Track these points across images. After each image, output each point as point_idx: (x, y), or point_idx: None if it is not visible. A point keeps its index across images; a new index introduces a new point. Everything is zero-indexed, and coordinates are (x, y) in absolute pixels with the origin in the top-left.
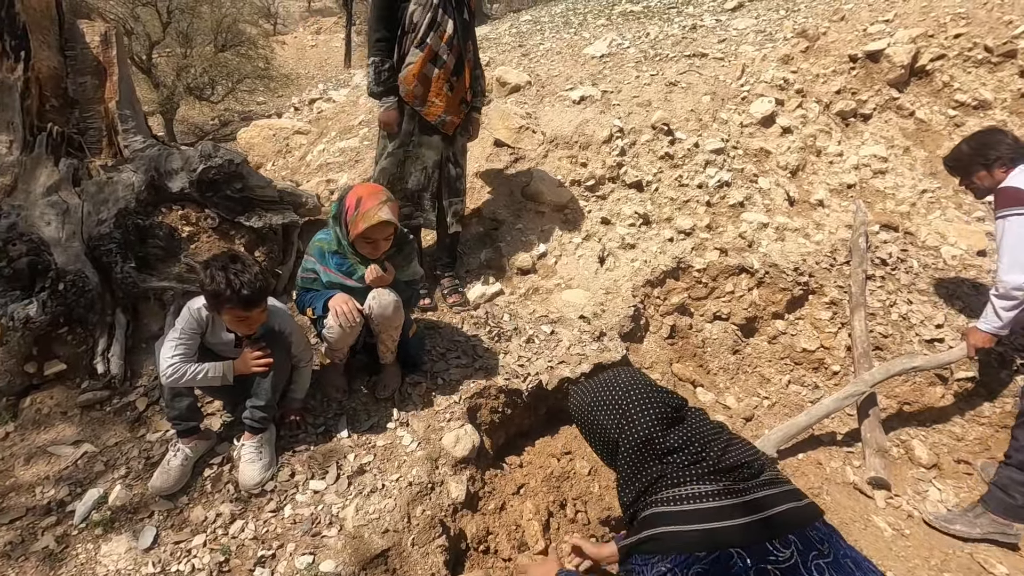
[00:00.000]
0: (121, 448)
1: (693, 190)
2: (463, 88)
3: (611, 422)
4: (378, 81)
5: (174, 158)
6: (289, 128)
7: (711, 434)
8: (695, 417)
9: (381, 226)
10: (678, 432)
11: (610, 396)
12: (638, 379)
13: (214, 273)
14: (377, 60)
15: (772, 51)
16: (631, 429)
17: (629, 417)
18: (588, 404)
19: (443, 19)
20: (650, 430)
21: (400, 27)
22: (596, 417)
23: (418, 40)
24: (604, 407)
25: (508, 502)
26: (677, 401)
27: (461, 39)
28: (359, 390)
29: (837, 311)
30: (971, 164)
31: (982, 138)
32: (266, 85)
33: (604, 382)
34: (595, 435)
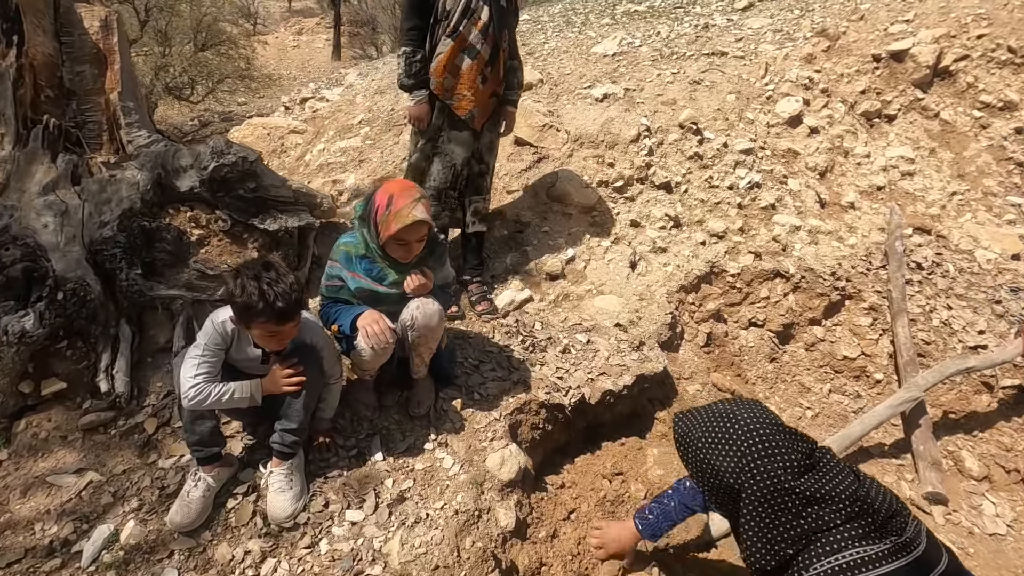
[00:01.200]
0: (131, 477)
1: (724, 191)
2: (497, 81)
3: (729, 465)
4: (408, 73)
5: (183, 155)
6: (284, 127)
7: (852, 481)
8: (828, 461)
9: (415, 226)
10: (814, 479)
11: (728, 434)
12: (760, 415)
13: (245, 283)
14: (408, 50)
15: (793, 50)
16: (756, 477)
17: (753, 462)
18: (700, 440)
19: (478, 5)
20: (781, 478)
21: (433, 15)
22: (710, 457)
23: (450, 29)
24: (720, 446)
25: (559, 528)
26: (808, 445)
27: (497, 27)
28: (390, 407)
29: (877, 317)
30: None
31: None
32: (247, 85)
33: (720, 415)
34: (706, 477)
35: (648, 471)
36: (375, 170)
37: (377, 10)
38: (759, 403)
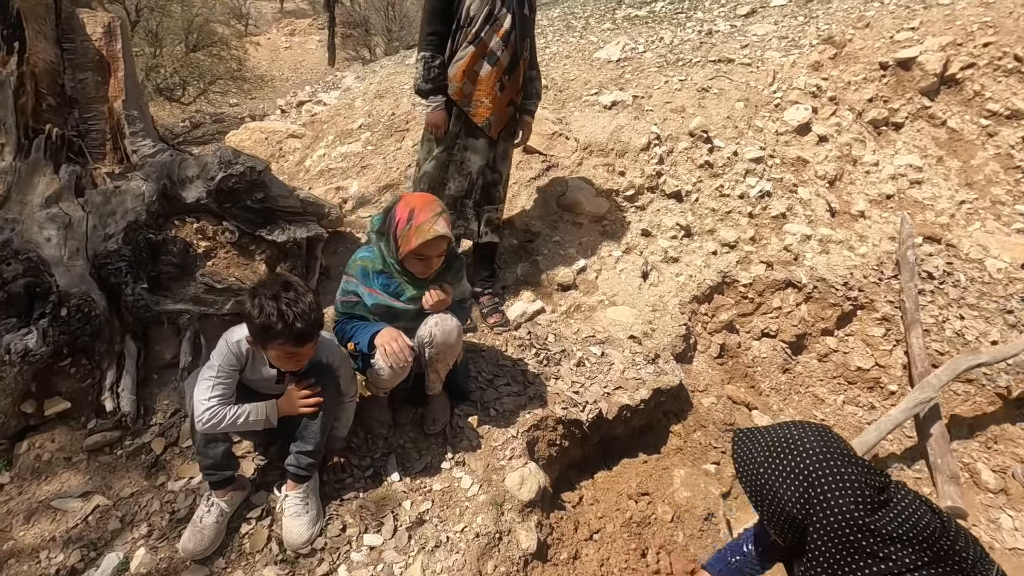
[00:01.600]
0: (139, 500)
1: (734, 200)
2: (515, 89)
3: (793, 495)
4: (427, 78)
5: (189, 165)
6: (282, 131)
7: (931, 520)
8: (904, 495)
9: (437, 241)
10: (889, 516)
11: (794, 461)
12: (830, 442)
13: (264, 303)
14: (427, 55)
15: (800, 57)
16: (827, 509)
17: (822, 493)
18: (762, 465)
19: (501, 12)
20: (854, 513)
21: (455, 21)
22: (773, 485)
23: (472, 35)
24: (785, 474)
25: (581, 549)
26: (882, 479)
27: (519, 35)
28: (405, 424)
29: (890, 328)
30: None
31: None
32: (239, 87)
33: (786, 440)
34: (767, 505)
35: (675, 493)
36: (379, 177)
37: (370, 11)
38: (827, 428)
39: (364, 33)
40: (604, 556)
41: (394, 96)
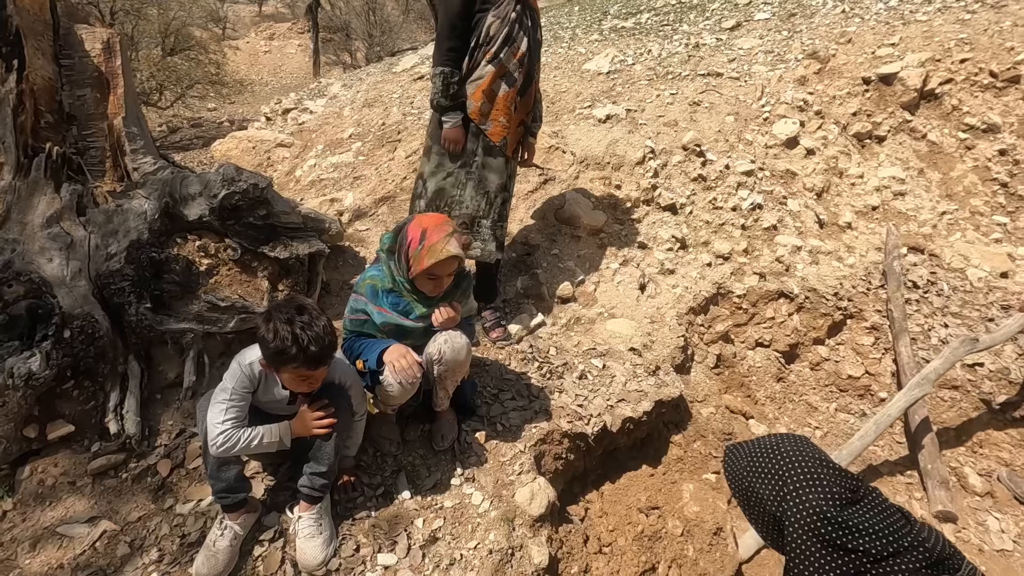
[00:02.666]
0: (147, 524)
1: (727, 213)
2: (525, 110)
3: (770, 493)
4: (446, 94)
5: (191, 182)
6: (271, 141)
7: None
8: (875, 497)
9: (449, 261)
10: (859, 512)
11: (770, 463)
12: (804, 448)
13: (278, 327)
14: (447, 71)
15: (786, 72)
16: (797, 505)
17: (794, 489)
18: (744, 469)
19: (518, 35)
20: (823, 507)
21: (475, 38)
22: (753, 485)
23: (491, 55)
24: (762, 474)
25: (591, 563)
26: (853, 481)
27: (531, 59)
28: (413, 441)
29: (879, 336)
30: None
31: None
32: (218, 91)
33: (766, 446)
34: (750, 505)
35: (684, 507)
36: (374, 189)
37: (351, 16)
38: (805, 438)
39: (345, 38)
40: (614, 569)
41: (383, 105)
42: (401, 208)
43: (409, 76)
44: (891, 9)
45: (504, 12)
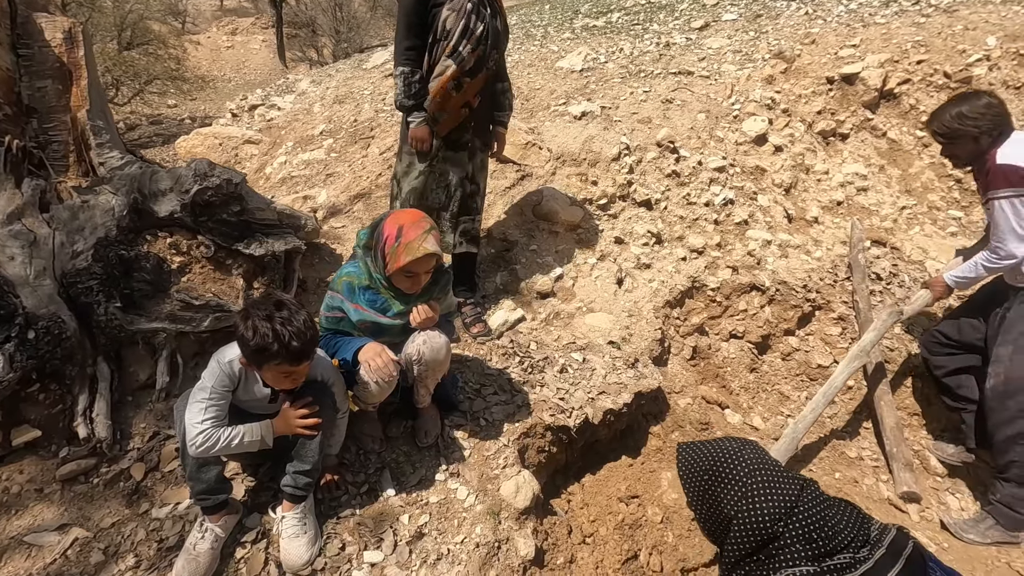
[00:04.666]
0: (121, 530)
1: (701, 208)
2: (472, 93)
3: (729, 498)
4: (408, 94)
5: (161, 177)
6: (238, 137)
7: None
8: (811, 499)
9: (426, 259)
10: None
11: (733, 470)
12: (763, 457)
13: (257, 324)
14: (407, 70)
15: (754, 71)
16: (752, 514)
17: (753, 500)
18: (706, 472)
19: (475, 25)
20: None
21: (432, 34)
22: (713, 489)
23: (450, 49)
24: (725, 481)
25: (576, 553)
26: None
27: (488, 45)
28: (397, 438)
29: (846, 327)
30: (960, 131)
31: (973, 103)
32: (178, 87)
33: (727, 452)
34: (704, 506)
35: (663, 495)
36: (348, 186)
37: (317, 12)
38: (757, 444)
39: (311, 34)
40: (598, 559)
41: (355, 102)
42: (377, 205)
43: (380, 73)
44: (851, 12)
45: (459, 4)
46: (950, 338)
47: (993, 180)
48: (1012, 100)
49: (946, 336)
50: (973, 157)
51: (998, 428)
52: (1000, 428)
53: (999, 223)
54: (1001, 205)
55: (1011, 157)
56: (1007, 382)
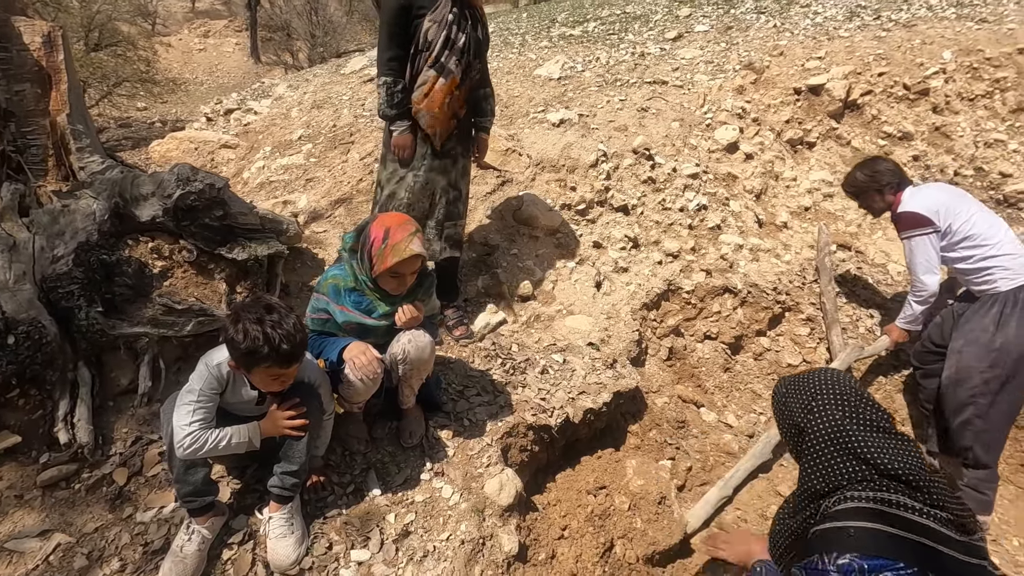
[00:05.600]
0: (105, 535)
1: (676, 213)
2: (459, 104)
3: (798, 405)
4: (391, 103)
5: (143, 182)
6: (214, 141)
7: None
8: (905, 439)
9: (412, 260)
10: (879, 438)
11: (806, 384)
12: (846, 381)
13: (248, 327)
14: (389, 80)
15: (725, 81)
16: (820, 417)
17: (819, 406)
18: (784, 390)
19: (457, 35)
20: (843, 423)
21: (414, 45)
22: (786, 399)
23: (432, 59)
24: (796, 391)
25: (556, 548)
26: (885, 420)
27: (471, 55)
28: (382, 438)
29: (814, 327)
30: (867, 190)
31: (871, 166)
32: (148, 90)
33: (806, 374)
34: (782, 417)
35: (629, 482)
36: (329, 191)
37: (292, 15)
38: (851, 377)
39: (286, 37)
40: (577, 552)
41: (333, 107)
42: (358, 210)
43: (359, 78)
44: (817, 25)
45: (440, 16)
46: (937, 344)
47: (899, 224)
48: (966, 111)
49: (934, 343)
50: (883, 207)
51: (952, 416)
52: (953, 416)
53: (910, 259)
54: (909, 244)
55: (908, 205)
56: (958, 371)
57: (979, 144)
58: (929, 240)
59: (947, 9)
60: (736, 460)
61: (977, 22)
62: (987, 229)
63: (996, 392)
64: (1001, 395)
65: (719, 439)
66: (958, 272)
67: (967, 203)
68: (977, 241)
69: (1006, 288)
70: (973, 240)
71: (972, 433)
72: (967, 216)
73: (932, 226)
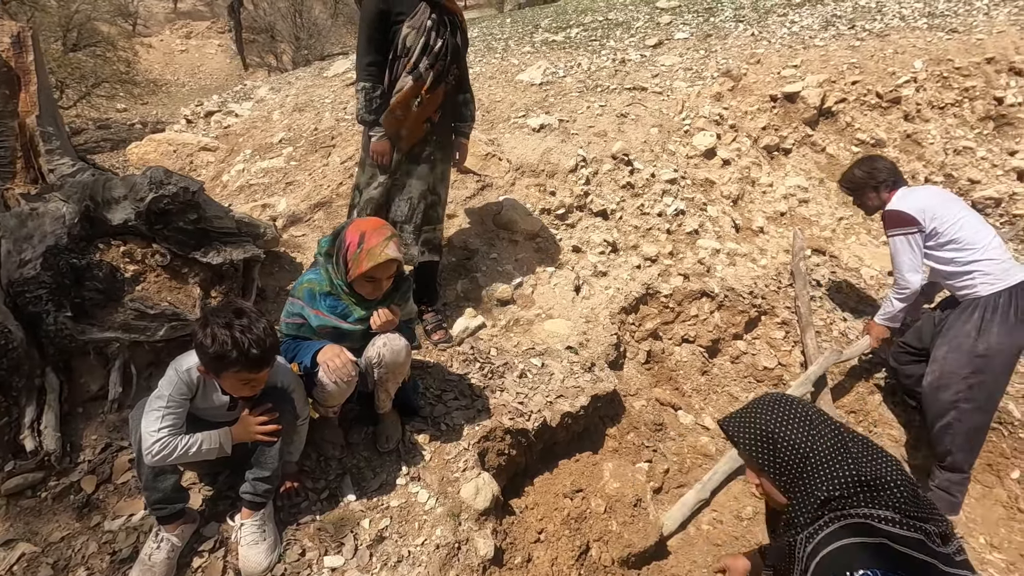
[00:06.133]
0: (72, 544)
1: (654, 218)
2: (432, 107)
3: (799, 434)
4: (369, 109)
5: (115, 185)
6: (194, 144)
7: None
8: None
9: (387, 264)
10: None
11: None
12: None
13: (216, 331)
14: (368, 86)
15: (703, 88)
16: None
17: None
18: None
19: (435, 41)
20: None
21: (392, 51)
22: (782, 433)
23: (411, 65)
24: (789, 422)
25: (532, 552)
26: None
27: (448, 60)
28: (358, 444)
29: (789, 331)
30: (864, 186)
31: (869, 164)
32: (128, 91)
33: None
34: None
35: (605, 485)
36: (309, 194)
37: (276, 18)
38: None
39: (270, 40)
40: (553, 556)
41: (315, 110)
42: (338, 214)
43: (341, 81)
44: (793, 34)
45: (419, 22)
46: (914, 347)
47: (887, 222)
48: (936, 119)
49: (911, 346)
50: (877, 205)
51: (934, 420)
52: (935, 420)
53: (895, 257)
54: (895, 241)
55: (898, 204)
56: (941, 377)
57: (949, 151)
58: (912, 239)
59: (919, 19)
60: (713, 462)
61: (947, 32)
62: (973, 234)
63: (978, 397)
64: (982, 400)
65: (696, 441)
66: (942, 275)
67: (956, 207)
68: (963, 244)
69: (986, 293)
70: (959, 243)
71: (952, 437)
72: (954, 219)
73: (916, 226)
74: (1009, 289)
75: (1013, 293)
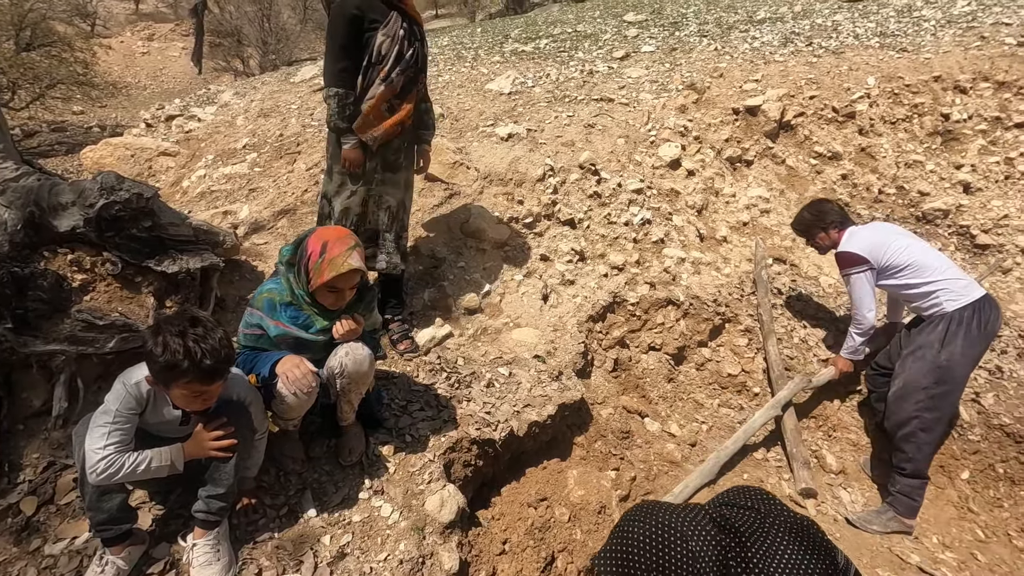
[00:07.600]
0: (8, 570)
1: (620, 227)
2: (405, 113)
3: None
4: (342, 115)
5: (63, 190)
6: (152, 148)
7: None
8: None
9: (350, 274)
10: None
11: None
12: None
13: (168, 340)
14: (341, 92)
15: (669, 100)
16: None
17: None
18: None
19: (407, 49)
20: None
21: (367, 57)
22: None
23: (385, 73)
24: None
25: (497, 565)
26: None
27: (416, 68)
28: (319, 458)
29: (752, 338)
30: (813, 228)
31: (817, 207)
32: (86, 93)
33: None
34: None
35: (570, 493)
36: (272, 201)
37: (243, 21)
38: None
39: (236, 44)
40: (518, 568)
41: (281, 116)
42: (302, 221)
43: (308, 87)
44: (755, 50)
45: (392, 30)
46: (885, 367)
47: (840, 264)
48: (888, 133)
49: (881, 366)
50: (828, 245)
51: (897, 428)
52: (898, 428)
53: (852, 295)
54: (850, 280)
55: (847, 245)
56: (904, 386)
57: (900, 164)
58: (865, 276)
59: (872, 39)
60: (679, 468)
61: (898, 51)
62: (922, 256)
63: (940, 406)
64: (944, 409)
65: (662, 448)
66: (909, 300)
67: (901, 237)
68: (918, 267)
69: (952, 308)
70: (914, 267)
71: (915, 445)
72: (903, 247)
73: (867, 264)
74: (972, 304)
75: (976, 308)
